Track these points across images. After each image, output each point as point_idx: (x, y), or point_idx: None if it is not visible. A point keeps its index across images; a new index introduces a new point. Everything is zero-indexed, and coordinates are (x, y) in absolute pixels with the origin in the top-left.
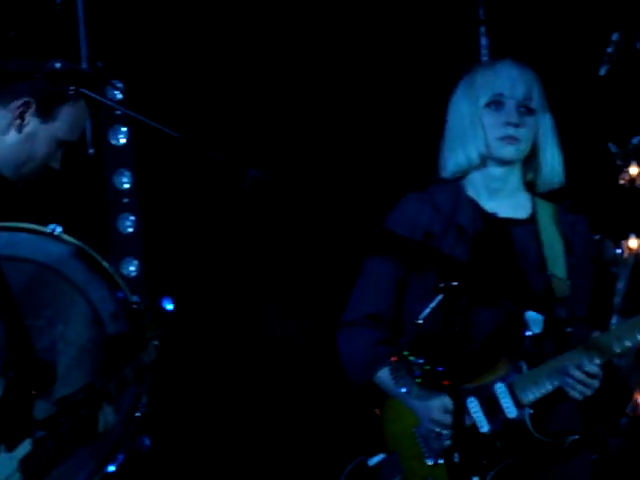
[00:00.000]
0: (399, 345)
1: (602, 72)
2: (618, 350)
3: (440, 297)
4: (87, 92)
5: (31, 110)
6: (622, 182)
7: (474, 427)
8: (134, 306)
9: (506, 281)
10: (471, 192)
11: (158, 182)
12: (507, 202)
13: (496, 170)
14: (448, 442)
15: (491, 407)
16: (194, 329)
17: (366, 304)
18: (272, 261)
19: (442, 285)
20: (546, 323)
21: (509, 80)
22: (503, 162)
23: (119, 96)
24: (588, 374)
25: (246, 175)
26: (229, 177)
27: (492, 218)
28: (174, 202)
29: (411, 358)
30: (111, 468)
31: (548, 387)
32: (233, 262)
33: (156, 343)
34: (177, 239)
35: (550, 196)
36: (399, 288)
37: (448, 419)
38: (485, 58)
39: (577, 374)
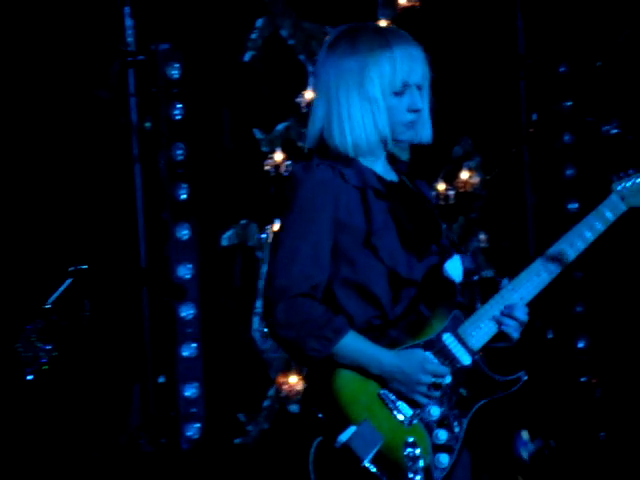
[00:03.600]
0: (26, 331)
1: (246, 58)
2: (529, 297)
3: (69, 281)
4: None
5: None
6: (267, 168)
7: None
8: None
9: (427, 235)
10: (364, 162)
11: None
12: (385, 167)
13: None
14: (435, 393)
15: (446, 358)
16: None
17: (311, 273)
18: None
19: (72, 269)
20: (463, 273)
21: (409, 65)
22: (398, 142)
23: None
24: (525, 313)
25: None
26: None
27: (388, 182)
28: None
29: (38, 344)
30: None
31: (493, 330)
32: None
33: None
34: None
35: None
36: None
37: (439, 368)
38: (130, 39)
39: (517, 314)
